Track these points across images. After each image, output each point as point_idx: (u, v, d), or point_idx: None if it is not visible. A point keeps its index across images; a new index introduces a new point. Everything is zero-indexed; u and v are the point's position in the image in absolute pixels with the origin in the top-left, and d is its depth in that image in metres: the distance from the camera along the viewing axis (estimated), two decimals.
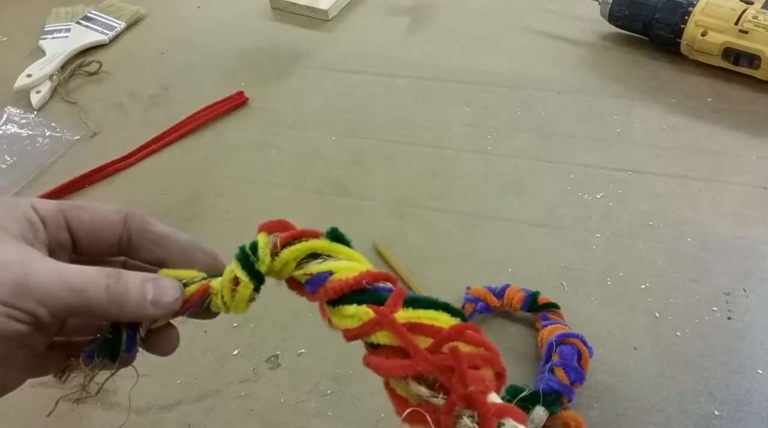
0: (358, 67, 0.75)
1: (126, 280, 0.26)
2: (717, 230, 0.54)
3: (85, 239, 0.29)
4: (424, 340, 0.24)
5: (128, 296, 0.26)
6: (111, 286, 0.25)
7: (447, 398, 0.23)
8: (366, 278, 0.26)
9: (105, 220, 0.29)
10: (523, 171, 0.61)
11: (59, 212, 0.28)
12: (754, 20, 0.64)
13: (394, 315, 0.25)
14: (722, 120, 0.64)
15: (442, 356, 0.23)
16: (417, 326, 0.25)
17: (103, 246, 0.29)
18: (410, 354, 0.24)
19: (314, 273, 0.27)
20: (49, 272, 0.24)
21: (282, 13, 0.86)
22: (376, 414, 0.45)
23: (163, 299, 0.27)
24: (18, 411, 0.48)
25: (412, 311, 0.25)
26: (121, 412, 0.47)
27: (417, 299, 0.26)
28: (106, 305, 0.25)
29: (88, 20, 0.85)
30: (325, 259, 0.27)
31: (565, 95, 0.69)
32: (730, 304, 0.49)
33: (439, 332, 0.24)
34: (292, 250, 0.27)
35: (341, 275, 0.26)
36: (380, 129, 0.67)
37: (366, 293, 0.26)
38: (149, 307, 0.26)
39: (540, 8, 0.81)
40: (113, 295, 0.25)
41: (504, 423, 0.23)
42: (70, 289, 0.24)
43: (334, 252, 0.27)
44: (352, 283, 0.26)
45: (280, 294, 0.53)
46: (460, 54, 0.76)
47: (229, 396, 0.47)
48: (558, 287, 0.51)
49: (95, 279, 0.25)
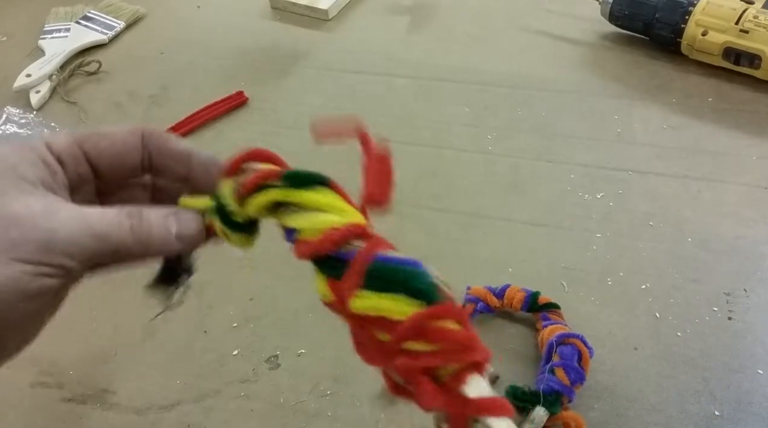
0: (358, 67, 0.75)
1: (149, 218, 0.26)
2: (717, 230, 0.54)
3: (107, 167, 0.28)
4: (383, 334, 0.22)
5: (152, 234, 0.26)
6: (135, 227, 0.25)
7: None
8: (325, 245, 0.23)
9: (123, 144, 0.28)
10: (523, 171, 0.61)
11: (75, 146, 0.27)
12: (754, 20, 0.64)
13: (349, 303, 0.22)
14: (723, 120, 0.64)
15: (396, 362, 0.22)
16: (373, 319, 0.22)
17: (126, 170, 0.29)
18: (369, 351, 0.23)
19: (285, 226, 0.25)
20: (73, 222, 0.24)
21: (282, 12, 0.86)
22: (376, 414, 0.45)
23: (186, 232, 0.27)
24: (18, 411, 0.48)
25: (368, 297, 0.22)
26: (120, 412, 0.47)
27: (379, 274, 0.22)
28: (132, 246, 0.25)
29: (87, 20, 0.85)
30: (293, 210, 0.25)
31: (565, 95, 0.69)
32: (731, 304, 0.49)
33: (395, 327, 0.22)
34: (255, 202, 0.25)
35: (306, 236, 0.24)
36: (380, 129, 0.67)
37: (329, 261, 0.23)
38: (174, 242, 0.26)
39: (540, 8, 0.80)
40: (137, 236, 0.25)
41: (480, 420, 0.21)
42: (94, 236, 0.24)
43: (299, 202, 0.24)
44: (313, 251, 0.24)
45: (280, 294, 0.53)
46: (460, 54, 0.76)
47: (229, 396, 0.47)
48: (558, 288, 0.51)
49: (118, 223, 0.25)
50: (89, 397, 0.48)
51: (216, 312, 0.52)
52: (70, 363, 0.50)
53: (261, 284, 0.54)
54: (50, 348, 0.51)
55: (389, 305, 0.22)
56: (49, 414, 0.47)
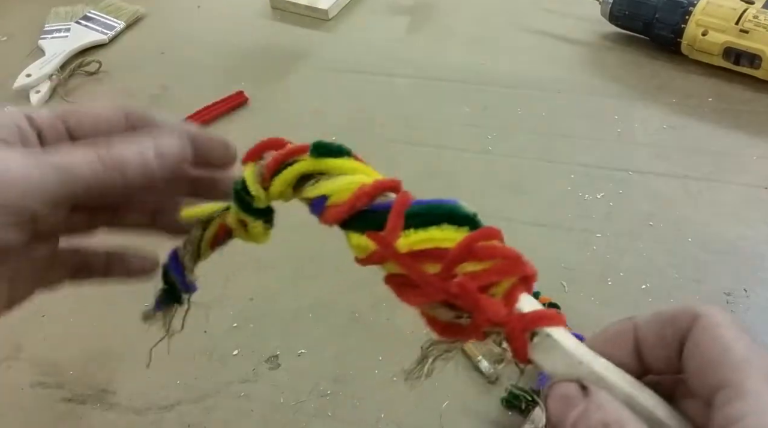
0: (358, 67, 0.75)
1: (118, 142, 0.23)
2: (717, 230, 0.54)
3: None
4: (433, 266, 0.22)
5: (124, 157, 0.23)
6: (103, 155, 0.23)
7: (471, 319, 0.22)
8: (361, 199, 0.24)
9: (107, 121, 0.27)
10: (523, 171, 0.61)
11: (58, 120, 0.26)
12: (754, 20, 0.64)
13: (396, 245, 0.23)
14: (723, 120, 0.64)
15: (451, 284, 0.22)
16: (421, 253, 0.23)
17: None
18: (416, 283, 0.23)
19: (311, 198, 0.25)
20: (29, 160, 0.22)
21: (282, 12, 0.86)
22: (376, 414, 0.45)
23: (167, 149, 0.24)
24: (18, 411, 0.48)
25: (415, 233, 0.23)
26: (121, 412, 0.47)
27: (419, 212, 0.23)
28: (105, 176, 0.23)
29: (87, 20, 0.85)
30: (317, 179, 0.25)
31: (565, 95, 0.69)
32: (731, 304, 0.49)
33: (445, 254, 0.22)
34: (281, 179, 0.25)
35: (336, 199, 0.24)
36: (380, 129, 0.67)
37: (365, 216, 0.24)
38: (154, 161, 0.24)
39: (540, 8, 0.80)
40: (108, 162, 0.23)
41: (538, 332, 0.22)
42: (57, 168, 0.22)
43: (326, 169, 0.25)
44: (348, 209, 0.24)
45: (280, 294, 0.53)
46: (460, 54, 0.76)
47: (229, 396, 0.47)
48: (558, 287, 0.51)
49: (83, 153, 0.23)
50: (89, 397, 0.48)
51: (216, 312, 0.52)
52: (70, 363, 0.50)
53: (261, 284, 0.54)
54: (50, 348, 0.51)
55: (438, 235, 0.22)
56: (49, 414, 0.47)
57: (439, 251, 0.22)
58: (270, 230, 0.28)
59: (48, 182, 0.22)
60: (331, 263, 0.53)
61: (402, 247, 0.23)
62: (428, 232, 0.23)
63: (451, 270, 0.22)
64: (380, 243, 0.23)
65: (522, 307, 0.22)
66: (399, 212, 0.23)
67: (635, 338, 0.22)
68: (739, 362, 0.19)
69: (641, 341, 0.22)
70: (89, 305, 0.54)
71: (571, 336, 0.22)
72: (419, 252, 0.22)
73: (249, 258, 0.55)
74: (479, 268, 0.22)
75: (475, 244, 0.22)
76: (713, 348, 0.20)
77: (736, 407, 0.18)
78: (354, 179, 0.24)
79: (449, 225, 0.23)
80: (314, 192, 0.25)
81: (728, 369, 0.19)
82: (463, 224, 0.23)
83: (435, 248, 0.22)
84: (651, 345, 0.21)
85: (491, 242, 0.22)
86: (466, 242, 0.22)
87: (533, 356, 0.22)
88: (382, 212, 0.23)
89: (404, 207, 0.23)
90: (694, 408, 0.21)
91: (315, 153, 0.25)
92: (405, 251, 0.23)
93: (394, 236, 0.23)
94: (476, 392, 0.45)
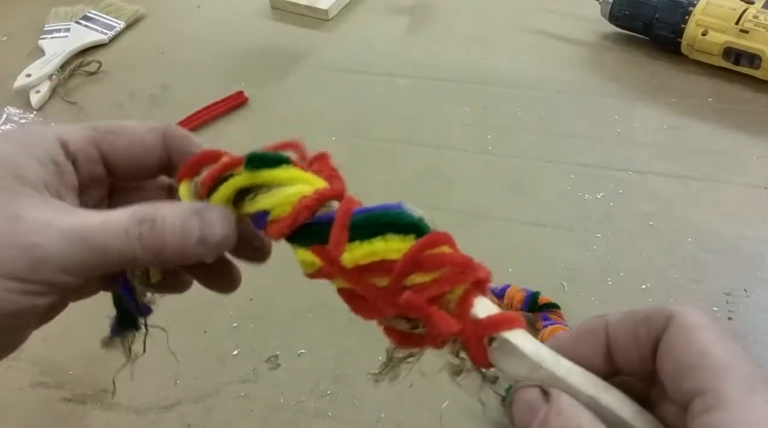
0: (358, 67, 0.75)
1: (163, 223, 0.22)
2: (717, 230, 0.54)
3: (123, 168, 0.26)
4: (381, 279, 0.22)
5: (166, 243, 0.22)
6: (145, 236, 0.22)
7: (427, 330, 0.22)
8: (302, 214, 0.23)
9: (143, 144, 0.26)
10: (523, 171, 0.61)
11: (92, 144, 0.25)
12: (754, 20, 0.64)
13: (341, 259, 0.22)
14: (723, 120, 0.64)
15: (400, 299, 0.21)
16: (368, 267, 0.22)
17: (143, 171, 0.26)
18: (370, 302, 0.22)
19: (252, 213, 0.24)
20: (66, 234, 0.21)
21: (282, 12, 0.86)
22: (376, 414, 0.45)
23: (212, 237, 0.23)
24: (18, 411, 0.48)
25: (360, 245, 0.22)
26: (121, 412, 0.47)
27: (363, 223, 0.22)
28: (143, 257, 0.22)
29: (87, 20, 0.85)
30: (256, 193, 0.24)
31: (565, 95, 0.69)
32: (731, 304, 0.49)
33: (392, 267, 0.21)
34: (218, 196, 0.24)
35: (277, 213, 0.23)
36: (380, 129, 0.67)
37: (308, 229, 0.23)
38: (194, 248, 0.23)
39: (540, 8, 0.80)
40: (148, 246, 0.22)
41: (496, 337, 0.21)
42: (92, 250, 0.21)
43: (264, 181, 0.23)
44: (290, 224, 0.23)
45: (280, 294, 0.53)
46: (460, 54, 0.76)
47: (229, 396, 0.47)
48: (558, 287, 0.51)
49: (124, 232, 0.22)
50: (89, 397, 0.48)
51: (216, 312, 0.52)
52: (70, 363, 0.50)
53: (261, 284, 0.54)
54: (50, 348, 0.51)
55: (383, 247, 0.21)
56: (49, 414, 0.47)
57: (386, 264, 0.21)
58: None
59: (85, 261, 0.21)
60: None
61: (348, 262, 0.22)
62: (373, 244, 0.22)
63: (399, 283, 0.21)
64: (326, 259, 0.22)
65: (477, 313, 0.22)
66: (342, 225, 0.22)
67: (606, 337, 0.21)
68: (717, 367, 0.18)
69: (612, 340, 0.21)
70: (89, 306, 0.54)
71: (531, 338, 0.21)
72: (366, 266, 0.22)
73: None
74: (428, 279, 0.21)
75: (421, 254, 0.21)
76: (689, 351, 0.19)
77: (715, 416, 0.17)
78: (294, 190, 0.23)
79: (394, 234, 0.22)
80: (254, 207, 0.23)
81: (705, 374, 0.18)
82: (408, 232, 0.22)
83: (381, 260, 0.21)
84: (622, 345, 0.21)
85: (439, 249, 0.22)
86: (411, 253, 0.21)
87: (493, 361, 0.22)
88: (326, 224, 0.22)
89: (347, 218, 0.22)
90: (669, 410, 0.20)
91: (249, 166, 0.23)
92: (351, 266, 0.22)
93: (339, 251, 0.22)
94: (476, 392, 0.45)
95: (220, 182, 0.24)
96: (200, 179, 0.24)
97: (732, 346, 0.19)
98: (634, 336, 0.21)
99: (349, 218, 0.22)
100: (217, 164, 0.24)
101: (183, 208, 0.23)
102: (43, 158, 0.23)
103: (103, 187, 0.27)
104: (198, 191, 0.24)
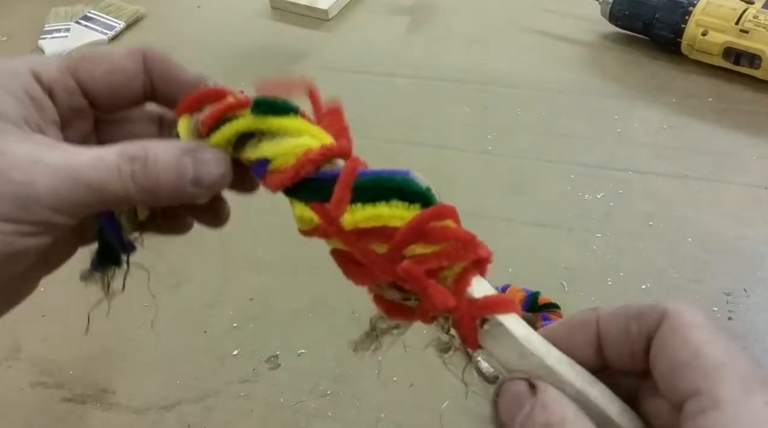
0: (358, 67, 0.75)
1: (155, 161, 0.21)
2: (717, 230, 0.54)
3: (105, 98, 0.24)
4: (380, 246, 0.21)
5: (160, 181, 0.21)
6: (137, 174, 0.21)
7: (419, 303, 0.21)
8: (306, 167, 0.22)
9: (123, 71, 0.24)
10: (523, 171, 0.61)
11: (68, 75, 0.23)
12: (754, 20, 0.64)
13: (341, 220, 0.21)
14: (723, 120, 0.64)
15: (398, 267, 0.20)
16: (368, 231, 0.21)
17: (126, 100, 0.25)
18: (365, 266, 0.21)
19: (252, 160, 0.23)
20: (58, 172, 0.20)
21: (282, 12, 0.86)
22: (376, 414, 0.45)
23: (206, 176, 0.22)
24: (18, 411, 0.48)
25: (362, 208, 0.21)
26: (121, 412, 0.47)
27: (368, 185, 0.21)
28: (136, 195, 0.21)
29: (87, 20, 0.85)
30: (260, 139, 0.23)
31: (565, 95, 0.69)
32: (731, 304, 0.49)
33: (393, 234, 0.21)
34: (219, 136, 0.23)
35: (279, 163, 0.22)
36: (380, 129, 0.67)
37: (310, 185, 0.22)
38: (189, 187, 0.22)
39: (540, 8, 0.80)
40: (141, 185, 0.21)
41: (489, 319, 0.21)
42: (85, 187, 0.20)
43: (269, 128, 0.22)
44: (291, 176, 0.22)
45: (280, 294, 0.53)
46: (460, 54, 0.76)
47: (229, 396, 0.47)
48: (558, 288, 0.51)
49: (117, 169, 0.21)
50: (89, 397, 0.48)
51: (216, 312, 0.52)
52: (70, 363, 0.50)
53: (261, 284, 0.54)
54: (50, 348, 0.51)
55: (386, 213, 0.21)
56: (49, 414, 0.47)
57: (388, 230, 0.21)
58: None
59: (75, 200, 0.20)
60: (331, 263, 0.53)
61: (347, 223, 0.21)
62: (376, 208, 0.21)
63: (399, 252, 0.21)
64: (324, 218, 0.21)
65: (474, 292, 0.21)
66: (346, 184, 0.21)
67: (597, 330, 0.21)
68: (712, 367, 0.18)
69: (602, 334, 0.21)
70: (89, 306, 0.54)
71: (524, 324, 0.21)
72: (366, 230, 0.21)
73: (249, 258, 0.55)
74: (429, 250, 0.21)
75: (426, 225, 0.20)
76: (683, 350, 0.18)
77: (711, 417, 0.17)
78: (299, 142, 0.22)
79: (400, 201, 0.21)
80: (255, 154, 0.22)
81: (700, 374, 0.18)
82: (414, 201, 0.21)
83: (383, 226, 0.21)
84: (612, 340, 0.21)
85: (444, 222, 0.21)
86: (416, 222, 0.20)
87: (484, 344, 0.21)
88: (329, 181, 0.21)
89: (352, 178, 0.21)
90: (660, 407, 0.20)
91: (257, 110, 0.22)
92: (351, 228, 0.21)
93: (339, 211, 0.21)
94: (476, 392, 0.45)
95: (222, 122, 0.23)
96: (201, 116, 0.23)
97: (729, 345, 0.18)
98: (624, 332, 0.20)
99: (353, 178, 0.21)
100: (221, 104, 0.23)
101: (176, 146, 0.22)
102: (18, 92, 0.22)
103: (88, 120, 0.25)
104: (198, 129, 0.23)
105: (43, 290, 0.27)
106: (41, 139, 0.21)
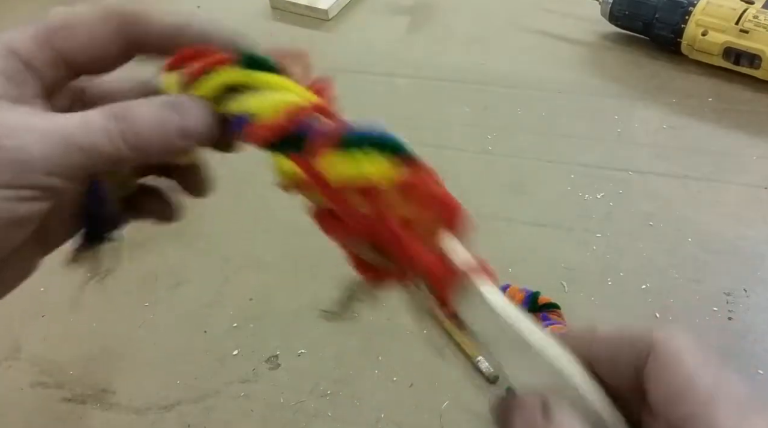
0: (358, 67, 0.75)
1: (140, 116, 0.22)
2: (717, 230, 0.54)
3: (85, 65, 0.24)
4: (362, 202, 0.21)
5: (145, 135, 0.22)
6: (126, 132, 0.21)
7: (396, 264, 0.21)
8: (289, 120, 0.22)
9: (101, 38, 0.24)
10: (523, 171, 0.61)
11: (45, 46, 0.23)
12: (754, 20, 0.64)
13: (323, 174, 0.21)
14: (723, 120, 0.64)
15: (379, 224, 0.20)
16: (350, 187, 0.21)
17: (109, 63, 0.25)
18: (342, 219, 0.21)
19: (234, 114, 0.23)
20: (50, 137, 0.20)
21: (282, 12, 0.86)
22: (376, 414, 0.45)
23: (192, 125, 0.22)
24: (18, 411, 0.48)
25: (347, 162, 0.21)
26: (121, 412, 0.47)
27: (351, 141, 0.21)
28: (127, 153, 0.21)
29: None
30: (246, 94, 0.23)
31: (565, 95, 0.69)
32: (731, 304, 0.49)
33: (375, 191, 0.21)
34: (204, 87, 0.23)
35: (261, 117, 0.22)
36: None
37: (295, 138, 0.22)
38: (177, 141, 0.22)
39: (540, 8, 0.80)
40: (131, 142, 0.21)
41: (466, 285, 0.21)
42: (78, 149, 0.21)
43: (254, 83, 0.22)
44: (273, 130, 0.22)
45: (280, 294, 0.53)
46: (460, 54, 0.76)
47: (229, 396, 0.47)
48: (558, 288, 0.51)
49: (104, 129, 0.21)
50: (89, 397, 0.48)
51: (216, 312, 0.52)
52: (70, 363, 0.50)
53: (261, 284, 0.54)
54: (50, 348, 0.51)
55: (371, 169, 0.21)
56: (49, 414, 0.47)
57: (370, 187, 0.21)
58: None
59: (70, 163, 0.21)
60: (331, 263, 0.53)
61: (332, 177, 0.21)
62: (361, 164, 0.21)
63: (380, 209, 0.21)
64: (308, 172, 0.21)
65: (452, 257, 0.21)
66: (333, 139, 0.21)
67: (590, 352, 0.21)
68: (706, 393, 0.18)
69: (594, 357, 0.21)
70: (89, 305, 0.54)
71: (502, 294, 0.21)
72: (349, 186, 0.21)
73: (249, 258, 0.55)
74: (410, 210, 0.21)
75: (408, 184, 0.21)
76: (676, 377, 0.18)
77: None
78: (285, 97, 0.22)
79: (384, 159, 0.21)
80: (237, 107, 0.22)
81: (695, 401, 0.18)
82: (398, 159, 0.21)
83: (366, 182, 0.21)
84: (603, 365, 0.21)
85: (426, 183, 0.21)
86: (400, 181, 0.21)
87: (459, 310, 0.21)
88: (315, 135, 0.21)
89: (339, 133, 0.21)
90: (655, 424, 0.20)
91: (244, 64, 0.22)
92: (331, 178, 0.21)
93: (324, 165, 0.21)
94: (476, 392, 0.45)
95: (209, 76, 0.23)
96: (190, 69, 0.23)
97: (721, 370, 0.18)
98: (614, 362, 0.20)
99: (341, 134, 0.21)
100: (210, 57, 0.23)
101: (157, 99, 0.23)
102: None
103: (72, 87, 0.25)
104: (185, 82, 0.23)
105: (43, 290, 0.27)
106: (28, 109, 0.22)
